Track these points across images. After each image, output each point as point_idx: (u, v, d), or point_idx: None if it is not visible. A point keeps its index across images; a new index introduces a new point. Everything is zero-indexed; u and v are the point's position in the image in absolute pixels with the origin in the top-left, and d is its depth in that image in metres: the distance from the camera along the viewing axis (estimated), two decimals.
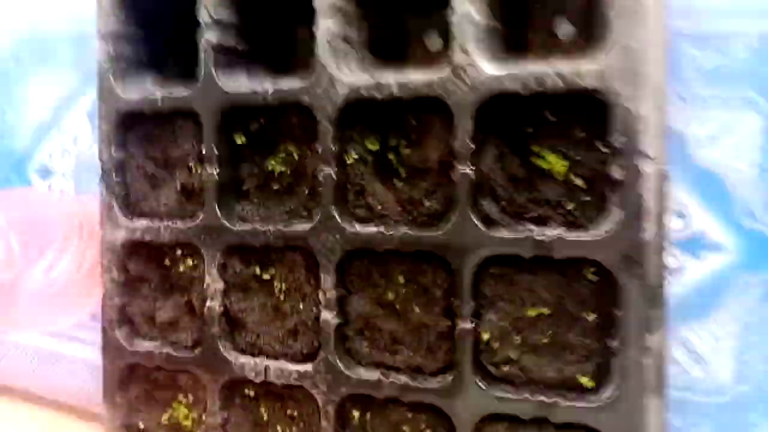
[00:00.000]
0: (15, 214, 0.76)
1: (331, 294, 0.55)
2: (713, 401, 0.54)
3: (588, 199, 0.49)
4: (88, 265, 0.77)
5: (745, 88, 0.52)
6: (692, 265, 0.54)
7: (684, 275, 0.54)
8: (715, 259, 0.54)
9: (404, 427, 0.55)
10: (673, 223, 0.54)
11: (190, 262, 0.63)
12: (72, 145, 0.83)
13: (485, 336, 0.51)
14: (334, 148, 0.54)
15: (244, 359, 0.60)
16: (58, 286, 0.76)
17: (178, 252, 0.63)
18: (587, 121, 0.49)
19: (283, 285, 0.59)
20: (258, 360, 0.59)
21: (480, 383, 0.50)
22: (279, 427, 0.60)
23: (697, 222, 0.54)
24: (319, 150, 0.55)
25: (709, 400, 0.54)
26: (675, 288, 0.53)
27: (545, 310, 0.50)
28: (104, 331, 0.66)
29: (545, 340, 0.50)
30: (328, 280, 0.55)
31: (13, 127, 0.87)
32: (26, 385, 0.91)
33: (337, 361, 0.55)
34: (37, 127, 0.85)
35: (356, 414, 0.56)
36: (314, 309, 0.57)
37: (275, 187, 0.60)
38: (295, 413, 0.59)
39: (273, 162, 0.60)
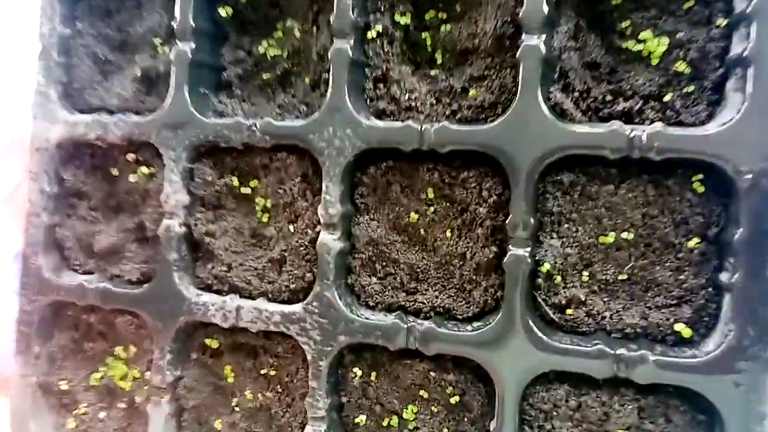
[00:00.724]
0: None
1: (335, 210, 0.41)
2: None
3: (693, 88, 0.37)
4: (12, 188, 0.62)
5: None
6: None
7: None
8: None
9: (422, 391, 0.41)
10: None
11: (145, 170, 0.49)
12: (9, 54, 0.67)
13: (545, 267, 0.38)
14: (352, 16, 0.41)
15: (208, 297, 0.46)
16: None
17: (131, 156, 0.49)
18: None
19: (268, 201, 0.45)
20: (227, 299, 0.45)
21: (536, 330, 0.37)
22: (248, 391, 0.45)
23: None
24: (333, 19, 0.41)
25: None
26: None
27: (628, 235, 0.37)
28: (24, 258, 0.51)
29: (624, 276, 0.37)
30: (332, 191, 0.42)
31: None
32: None
33: (337, 298, 0.41)
34: None
35: (358, 372, 0.42)
36: (309, 231, 0.44)
37: (266, 76, 0.47)
38: (272, 372, 0.45)
39: (266, 44, 0.46)
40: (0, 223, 0.62)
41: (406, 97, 0.42)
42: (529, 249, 0.38)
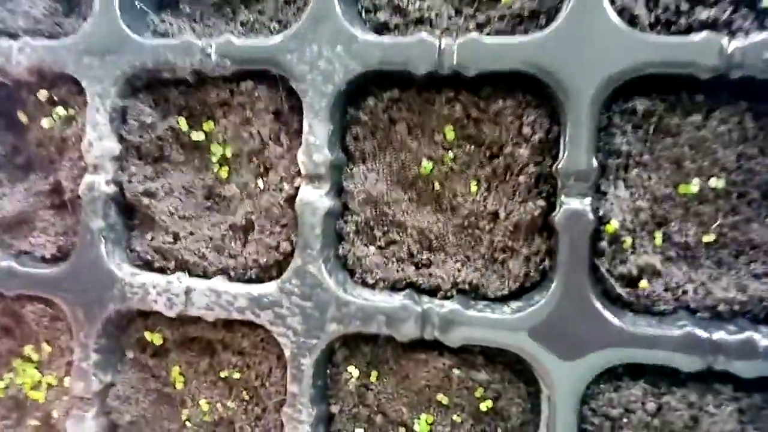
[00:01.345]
0: None
1: (321, 157, 0.32)
2: None
3: None
4: None
5: None
6: None
7: None
8: None
9: (440, 395, 0.32)
10: None
11: (61, 110, 0.37)
12: None
13: (611, 227, 0.28)
14: None
15: (147, 277, 0.36)
16: None
17: (43, 94, 0.38)
18: None
19: (228, 149, 0.35)
20: (174, 278, 0.35)
21: (599, 309, 0.28)
22: (204, 400, 0.35)
23: None
24: None
25: None
26: None
27: (717, 182, 0.28)
28: None
29: (712, 237, 0.28)
30: (317, 131, 0.32)
31: None
32: None
33: (326, 275, 0.31)
34: None
35: (353, 372, 0.32)
36: (286, 186, 0.34)
37: None
38: (236, 375, 0.35)
39: None
40: None
41: (416, 5, 0.32)
42: (589, 201, 0.28)
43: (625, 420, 0.30)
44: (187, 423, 0.37)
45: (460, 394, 0.32)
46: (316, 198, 0.32)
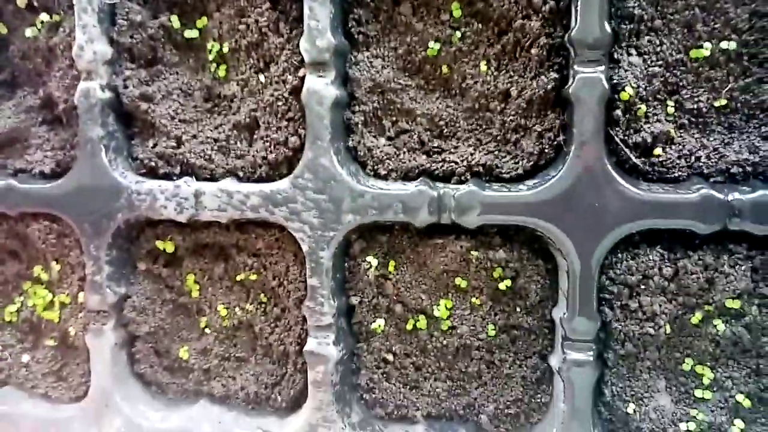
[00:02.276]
0: None
1: (325, 42, 0.32)
2: None
3: None
4: None
5: None
6: None
7: None
8: None
9: (458, 279, 0.32)
10: None
11: (45, 17, 0.39)
12: None
13: (627, 94, 0.28)
14: None
15: (153, 183, 0.35)
16: None
17: (21, 1, 0.36)
18: None
19: (225, 45, 0.34)
20: (181, 182, 0.34)
21: (616, 177, 0.28)
22: (221, 306, 0.35)
23: None
24: None
25: None
26: None
27: (729, 44, 0.29)
28: None
29: (723, 102, 0.29)
30: (318, 14, 0.31)
31: None
32: None
33: (337, 166, 0.31)
34: None
35: (372, 262, 0.32)
36: (289, 77, 0.33)
37: None
38: (252, 277, 0.35)
39: None
40: None
41: None
42: (603, 69, 0.28)
43: (642, 286, 0.30)
44: (206, 330, 0.37)
45: (479, 276, 0.32)
46: (322, 87, 0.31)
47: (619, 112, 0.30)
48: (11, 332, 0.41)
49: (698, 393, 0.31)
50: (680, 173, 0.30)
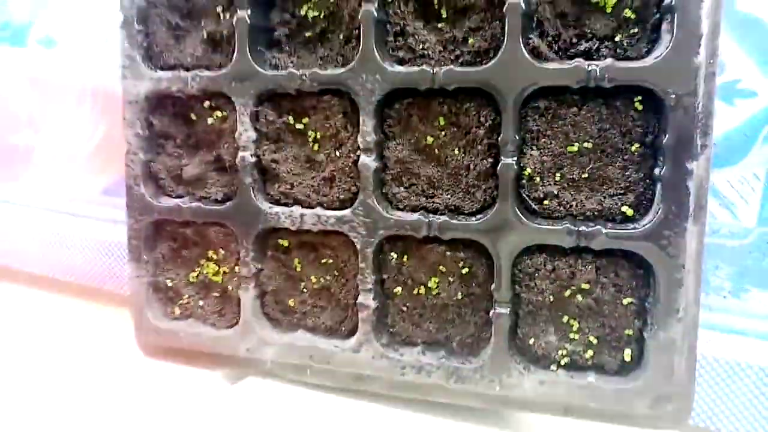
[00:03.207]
0: (34, 75, 0.73)
1: (371, 138, 0.55)
2: (736, 244, 0.56)
3: (637, 30, 0.49)
4: (100, 136, 0.76)
5: None
6: (725, 112, 0.55)
7: (716, 121, 0.55)
8: (747, 105, 0.55)
9: (440, 267, 0.56)
10: None
11: (219, 113, 0.62)
12: (78, 14, 0.80)
13: (527, 171, 0.51)
14: None
15: (278, 209, 0.59)
16: (70, 154, 0.74)
17: (206, 104, 0.62)
18: None
19: (318, 134, 0.58)
20: (293, 209, 0.59)
21: (522, 217, 0.51)
22: (313, 277, 0.61)
23: (734, 68, 0.54)
24: None
25: (732, 243, 0.56)
26: None
27: (588, 145, 0.50)
28: (128, 187, 0.65)
29: (586, 175, 0.51)
30: (368, 123, 0.54)
31: None
32: (31, 266, 0.90)
33: (376, 203, 0.55)
34: None
35: (394, 256, 0.57)
36: (352, 155, 0.57)
37: (308, 34, 0.58)
38: (330, 261, 0.60)
39: (306, 6, 0.58)
40: (93, 162, 0.77)
41: (420, 47, 0.53)
42: (515, 158, 0.51)
43: (536, 274, 0.51)
44: (304, 290, 0.62)
45: (451, 266, 0.53)
46: (369, 161, 0.54)
47: (524, 181, 0.52)
48: (194, 288, 0.66)
49: (570, 335, 0.55)
50: (559, 214, 0.51)
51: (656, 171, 0.48)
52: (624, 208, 0.49)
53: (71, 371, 0.69)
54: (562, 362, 0.52)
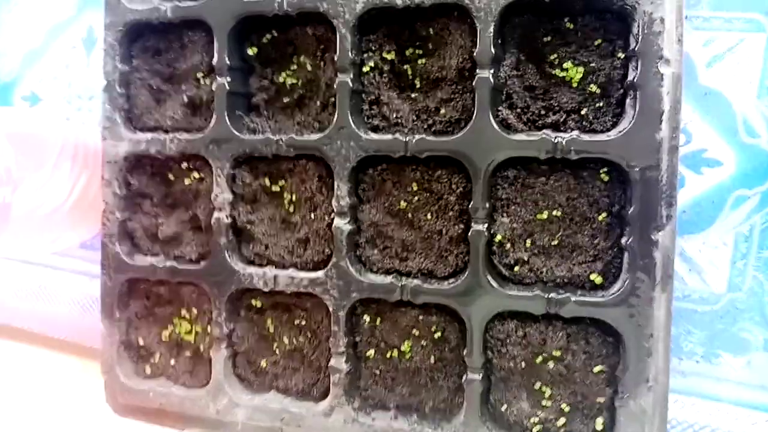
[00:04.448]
0: (13, 132, 0.74)
1: (345, 202, 0.55)
2: (707, 309, 0.57)
3: (602, 104, 0.51)
4: (79, 192, 0.76)
5: (750, 10, 0.54)
6: (692, 180, 0.57)
7: (684, 189, 0.57)
8: (714, 173, 0.56)
9: (414, 330, 0.56)
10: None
11: (196, 174, 0.62)
12: (63, 72, 0.81)
13: (498, 238, 0.52)
14: (351, 56, 0.55)
15: (252, 269, 0.59)
16: (49, 210, 0.74)
17: (184, 165, 0.63)
18: (604, 28, 0.50)
19: (293, 196, 0.59)
20: (267, 269, 0.59)
21: (492, 283, 0.51)
22: (285, 338, 0.60)
23: (699, 139, 0.56)
24: (336, 58, 0.55)
25: (703, 308, 0.57)
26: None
27: (557, 213, 0.51)
28: (104, 246, 0.65)
29: (555, 242, 0.52)
30: (342, 188, 0.55)
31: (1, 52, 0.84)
32: (8, 319, 0.88)
33: (350, 266, 0.56)
34: (27, 53, 0.82)
35: (367, 319, 0.57)
36: (326, 218, 0.57)
37: (286, 100, 0.60)
38: (303, 323, 0.59)
39: (285, 74, 0.60)
40: (72, 217, 0.77)
41: (394, 115, 0.54)
42: (486, 225, 0.50)
43: (507, 340, 0.51)
44: (276, 351, 0.62)
45: (424, 330, 0.53)
46: (342, 225, 0.54)
47: (495, 247, 0.52)
48: (166, 347, 0.67)
49: (542, 402, 0.54)
50: (530, 280, 0.51)
51: (623, 240, 0.49)
52: (593, 276, 0.50)
53: (44, 425, 0.67)
54: (534, 430, 0.52)
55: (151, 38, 0.63)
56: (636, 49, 0.47)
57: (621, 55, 0.49)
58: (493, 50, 0.50)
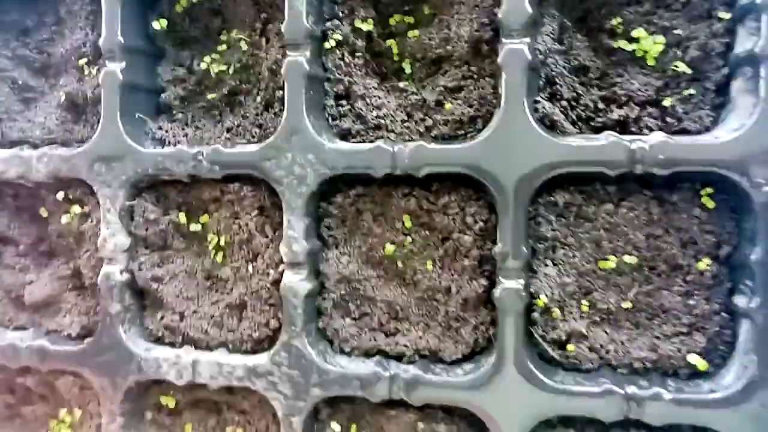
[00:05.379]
0: None
1: (300, 247, 0.38)
2: None
3: (695, 92, 0.34)
4: None
5: None
6: None
7: None
8: None
9: None
10: None
11: (77, 209, 0.44)
12: None
13: (541, 300, 0.35)
14: (307, 24, 0.37)
15: (159, 351, 0.42)
16: None
17: (60, 195, 0.44)
18: None
19: (222, 238, 0.41)
20: (182, 352, 0.41)
21: (534, 370, 0.34)
22: None
23: None
24: (284, 28, 0.37)
25: None
26: None
27: (630, 259, 0.34)
28: None
29: (628, 305, 0.34)
30: (294, 225, 0.38)
31: None
32: None
33: (308, 347, 0.38)
34: None
35: (335, 428, 0.38)
36: (271, 272, 0.40)
37: (211, 96, 0.42)
38: (239, 430, 0.40)
39: (209, 59, 0.42)
40: None
41: (374, 114, 0.39)
42: (522, 280, 0.35)
43: None
44: None
45: None
46: (297, 282, 0.38)
47: (536, 314, 0.36)
48: None
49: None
50: (591, 365, 0.36)
51: (739, 301, 0.33)
52: (691, 357, 0.33)
53: None
54: None
55: (12, 11, 0.46)
56: (757, 0, 0.30)
57: (724, 15, 0.35)
58: (528, 8, 0.33)
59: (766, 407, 0.32)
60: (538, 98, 0.36)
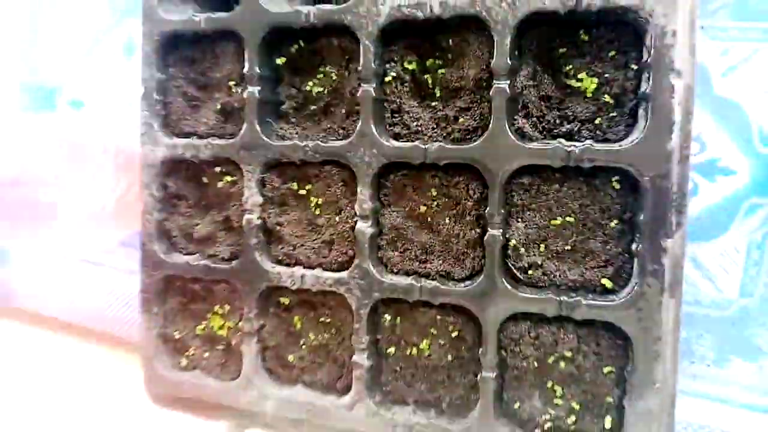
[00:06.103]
0: (59, 137, 0.79)
1: (367, 206, 0.58)
2: (718, 314, 0.58)
3: (615, 114, 0.52)
4: (120, 192, 0.80)
5: (766, 20, 0.55)
6: (706, 188, 0.58)
7: (698, 197, 0.58)
8: (728, 182, 0.57)
9: (432, 329, 0.58)
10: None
11: (228, 178, 0.66)
12: (105, 78, 0.85)
13: (513, 242, 0.54)
14: (374, 66, 0.57)
15: (280, 268, 0.63)
16: (93, 210, 0.79)
17: (217, 169, 0.66)
18: (618, 40, 0.52)
19: (320, 200, 0.62)
20: (294, 269, 0.62)
21: (507, 285, 0.54)
22: (311, 334, 0.63)
23: (714, 147, 0.57)
24: (360, 68, 0.58)
25: (715, 314, 0.58)
26: (690, 209, 0.57)
27: (570, 219, 0.53)
28: (143, 245, 0.69)
29: (568, 247, 0.54)
30: (365, 192, 0.58)
31: (44, 59, 0.89)
32: (52, 311, 0.93)
33: (371, 267, 0.58)
34: (71, 60, 0.87)
35: (388, 317, 0.60)
36: (350, 221, 0.60)
37: (312, 107, 0.62)
38: (328, 320, 0.62)
39: (312, 83, 0.62)
40: (113, 217, 0.81)
41: (414, 124, 0.57)
42: (501, 230, 0.53)
43: (520, 340, 0.54)
44: (302, 346, 0.64)
45: (442, 329, 0.56)
46: (365, 228, 0.57)
47: (510, 251, 0.54)
48: (200, 341, 0.69)
49: (554, 400, 0.56)
50: (543, 284, 0.53)
51: (634, 246, 0.50)
52: (604, 280, 0.52)
53: (81, 414, 0.72)
54: (546, 426, 0.54)
55: (186, 48, 0.67)
56: (648, 60, 0.49)
57: (634, 66, 0.50)
58: (509, 61, 0.52)
59: (642, 310, 0.50)
60: (516, 117, 0.53)
